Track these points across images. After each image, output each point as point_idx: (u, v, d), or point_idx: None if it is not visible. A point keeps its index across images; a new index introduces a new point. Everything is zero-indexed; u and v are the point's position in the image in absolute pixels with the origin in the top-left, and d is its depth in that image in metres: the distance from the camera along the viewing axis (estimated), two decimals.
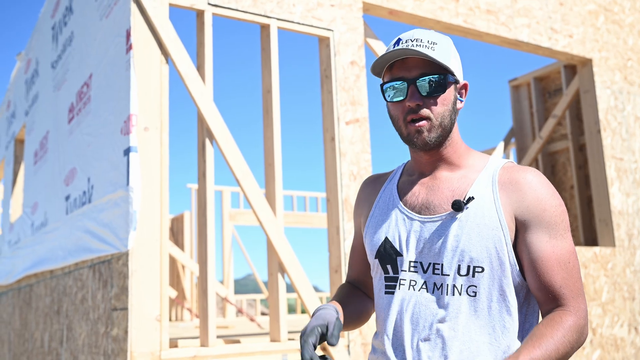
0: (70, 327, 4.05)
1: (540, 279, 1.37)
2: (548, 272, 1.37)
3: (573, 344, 1.33)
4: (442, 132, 1.43)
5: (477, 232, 1.38)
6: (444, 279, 1.39)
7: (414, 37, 1.43)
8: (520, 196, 1.39)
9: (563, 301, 1.37)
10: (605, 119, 5.19)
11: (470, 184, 1.43)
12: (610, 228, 4.99)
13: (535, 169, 1.44)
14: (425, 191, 1.47)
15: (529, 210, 1.38)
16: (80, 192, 4.03)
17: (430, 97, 1.41)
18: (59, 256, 4.37)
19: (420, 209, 1.45)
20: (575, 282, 1.38)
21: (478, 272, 1.37)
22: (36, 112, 5.74)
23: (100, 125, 3.74)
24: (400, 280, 1.44)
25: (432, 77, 1.41)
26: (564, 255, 1.38)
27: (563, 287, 1.36)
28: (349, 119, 3.92)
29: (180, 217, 10.06)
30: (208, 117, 3.45)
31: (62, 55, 4.86)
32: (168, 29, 3.42)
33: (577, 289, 1.38)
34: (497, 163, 1.47)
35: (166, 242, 3.25)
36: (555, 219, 1.39)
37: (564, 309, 1.36)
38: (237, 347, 3.36)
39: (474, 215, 1.39)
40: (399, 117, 1.44)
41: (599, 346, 4.64)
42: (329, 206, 3.85)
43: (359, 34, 4.09)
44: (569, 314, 1.35)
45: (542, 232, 1.38)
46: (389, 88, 1.45)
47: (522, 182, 1.40)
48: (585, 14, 5.31)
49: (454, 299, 1.37)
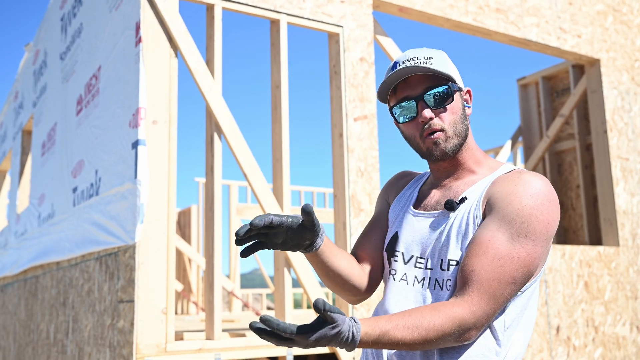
0: (76, 318, 4.07)
1: (463, 260, 1.32)
2: (471, 255, 1.30)
3: (447, 334, 1.24)
4: (458, 140, 1.45)
5: (462, 229, 1.39)
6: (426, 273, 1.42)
7: (409, 57, 1.45)
8: (499, 187, 1.38)
9: (465, 289, 1.28)
10: (612, 119, 5.19)
11: (472, 185, 1.46)
12: (615, 227, 5.00)
13: (542, 176, 1.39)
14: (439, 194, 1.50)
15: (496, 198, 1.36)
16: (88, 185, 4.05)
17: (440, 108, 1.43)
18: (65, 248, 4.39)
19: (426, 209, 1.50)
20: (491, 281, 1.27)
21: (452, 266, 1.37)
22: (44, 103, 5.76)
23: (109, 118, 3.76)
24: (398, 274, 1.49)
25: (438, 89, 1.43)
26: (499, 251, 1.28)
27: (474, 273, 1.28)
28: (357, 115, 3.93)
29: (188, 211, 10.08)
30: (217, 111, 3.46)
31: (70, 46, 4.86)
32: (178, 22, 3.43)
33: (487, 287, 1.27)
34: (506, 168, 1.47)
35: (173, 235, 3.26)
36: (515, 217, 1.30)
37: (460, 297, 1.27)
38: (242, 341, 3.38)
39: (462, 213, 1.41)
40: (415, 135, 1.46)
41: (601, 344, 4.65)
42: (335, 202, 3.86)
43: (369, 30, 4.09)
44: (460, 305, 1.26)
45: (495, 221, 1.32)
46: (398, 109, 1.47)
47: (510, 178, 1.39)
48: (594, 14, 5.30)
49: (442, 294, 1.39)
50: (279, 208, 3.57)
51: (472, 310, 1.26)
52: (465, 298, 1.27)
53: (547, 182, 1.37)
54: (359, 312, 3.69)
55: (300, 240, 1.36)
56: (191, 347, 3.19)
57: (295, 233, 1.35)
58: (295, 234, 1.35)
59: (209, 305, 3.38)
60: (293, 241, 1.36)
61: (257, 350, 3.40)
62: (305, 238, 1.37)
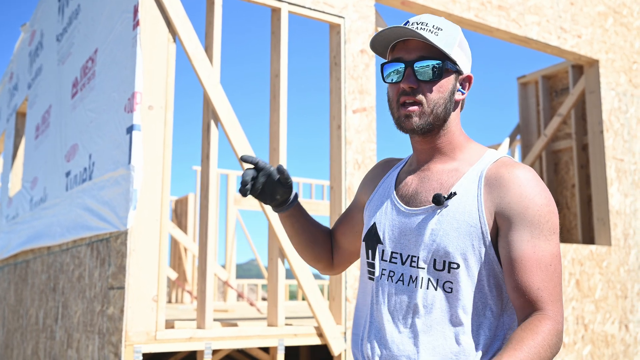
0: (65, 304, 4.04)
1: (517, 280, 1.30)
2: (526, 273, 1.29)
3: (553, 348, 1.27)
4: (434, 120, 1.39)
5: (455, 228, 1.34)
6: (419, 272, 1.37)
7: (420, 20, 1.39)
8: (504, 192, 1.33)
9: (540, 304, 1.29)
10: (608, 120, 5.20)
11: (459, 178, 1.39)
12: (607, 227, 5.02)
13: (527, 166, 1.37)
14: (416, 182, 1.45)
15: (510, 207, 1.32)
16: (81, 169, 4.00)
17: (427, 82, 1.38)
18: (56, 232, 4.35)
19: (409, 200, 1.44)
20: (554, 287, 1.30)
21: (453, 269, 1.33)
22: (39, 85, 5.69)
23: (104, 102, 3.71)
24: (379, 269, 1.44)
25: (430, 62, 1.37)
26: (545, 257, 1.30)
27: (541, 290, 1.29)
28: (356, 107, 3.90)
29: (185, 199, 10.03)
30: (214, 98, 3.42)
31: (67, 28, 4.80)
32: (177, 6, 3.38)
33: (555, 294, 1.30)
34: (490, 157, 1.41)
35: (166, 222, 3.23)
36: (538, 218, 1.31)
37: (542, 313, 1.29)
38: (233, 330, 3.36)
39: (455, 210, 1.35)
40: (394, 99, 1.42)
41: (590, 342, 4.68)
42: (332, 194, 3.84)
43: (370, 22, 4.06)
44: (548, 318, 1.28)
45: (524, 230, 1.31)
46: (388, 69, 1.42)
47: (507, 178, 1.34)
48: (595, 15, 5.29)
49: (429, 293, 1.35)
50: None
51: (556, 320, 1.29)
52: (546, 311, 1.29)
53: (533, 170, 1.37)
54: (352, 304, 3.68)
55: (274, 193, 1.54)
56: (181, 336, 3.17)
57: (271, 185, 1.53)
58: (271, 185, 1.53)
59: (200, 294, 3.35)
60: (269, 190, 1.53)
61: (248, 340, 3.39)
62: (278, 192, 1.54)
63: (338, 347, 3.57)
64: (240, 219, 9.83)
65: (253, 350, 3.94)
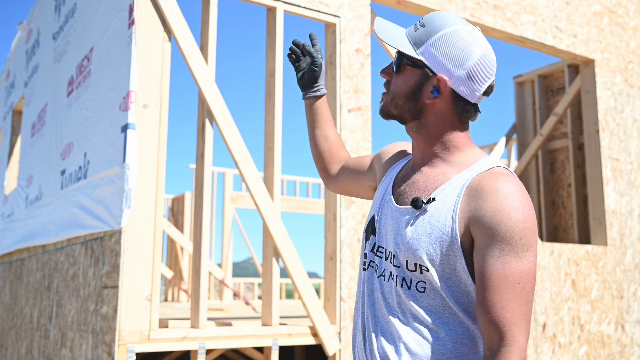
0: (60, 303, 4.03)
1: (482, 296, 1.28)
2: (492, 290, 1.27)
3: None
4: (396, 111, 1.46)
5: (427, 233, 1.35)
6: (397, 270, 1.39)
7: (425, 17, 1.46)
8: (480, 204, 1.31)
9: (501, 327, 1.26)
10: (604, 120, 5.20)
11: (443, 182, 1.39)
12: (603, 227, 5.02)
13: (512, 179, 1.33)
14: (407, 181, 1.47)
15: (483, 220, 1.29)
16: (76, 167, 4.00)
17: (393, 73, 1.47)
18: (51, 231, 4.34)
19: (398, 197, 1.46)
20: (520, 306, 1.27)
21: (425, 271, 1.35)
22: (35, 83, 5.68)
23: (99, 100, 3.71)
24: (369, 262, 1.48)
25: (400, 57, 1.44)
26: (514, 275, 1.27)
27: (505, 310, 1.26)
28: (352, 106, 3.90)
29: (181, 198, 10.01)
30: (209, 97, 3.42)
31: (64, 26, 4.80)
32: (172, 5, 3.38)
33: (520, 314, 1.27)
34: (482, 166, 1.38)
35: (161, 221, 3.23)
36: (511, 235, 1.27)
37: (504, 346, 1.26)
38: (227, 330, 3.36)
39: (430, 216, 1.35)
40: None
41: (586, 342, 4.68)
42: (327, 193, 3.84)
43: (366, 22, 4.06)
44: (510, 352, 1.25)
45: (494, 246, 1.28)
46: None
47: (486, 190, 1.31)
48: (590, 15, 5.29)
49: (404, 291, 1.38)
50: (269, 197, 3.54)
51: (520, 346, 1.26)
52: (509, 340, 1.26)
53: (519, 183, 1.34)
54: (346, 304, 3.68)
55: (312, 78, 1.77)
56: (175, 335, 3.17)
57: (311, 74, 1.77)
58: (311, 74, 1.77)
59: (194, 293, 3.35)
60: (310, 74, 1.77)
61: (242, 340, 3.38)
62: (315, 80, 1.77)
63: (332, 347, 3.57)
64: (237, 217, 9.83)
65: (247, 350, 3.94)
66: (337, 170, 1.81)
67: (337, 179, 1.81)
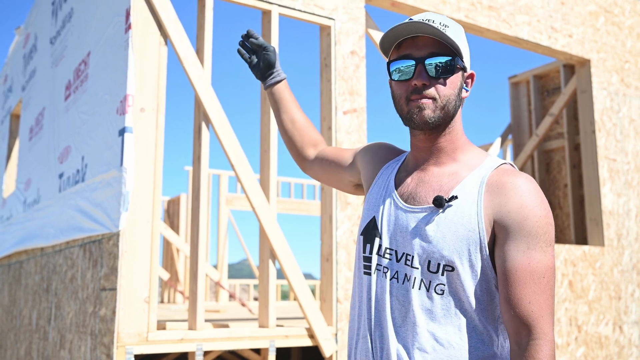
0: (58, 305, 4.05)
1: (509, 291, 1.30)
2: (519, 285, 1.29)
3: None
4: (444, 116, 1.39)
5: (453, 231, 1.33)
6: (412, 272, 1.36)
7: (426, 18, 1.39)
8: (504, 200, 1.33)
9: (530, 320, 1.28)
10: (600, 120, 5.21)
11: (459, 181, 1.38)
12: (601, 227, 5.03)
13: (529, 176, 1.37)
14: (415, 182, 1.44)
15: (509, 216, 1.32)
16: (74, 171, 4.02)
17: (439, 78, 1.37)
18: (49, 234, 4.37)
19: (407, 198, 1.43)
20: (545, 300, 1.30)
21: (448, 271, 1.33)
22: (33, 87, 5.71)
23: (96, 104, 3.73)
24: (375, 265, 1.43)
25: (443, 58, 1.36)
26: (539, 269, 1.30)
27: (532, 304, 1.28)
28: (347, 108, 3.92)
29: (177, 200, 10.04)
30: (205, 101, 3.44)
31: (61, 31, 4.82)
32: (168, 10, 3.40)
33: (546, 307, 1.30)
34: (492, 163, 1.40)
35: (158, 223, 3.25)
36: (537, 230, 1.31)
37: (535, 339, 1.28)
38: (225, 332, 3.37)
39: (454, 214, 1.34)
40: (402, 95, 1.40)
41: (584, 343, 4.69)
42: (323, 195, 3.86)
43: (361, 24, 4.08)
44: (542, 344, 1.27)
45: (521, 241, 1.30)
46: (396, 65, 1.41)
47: (508, 186, 1.33)
48: (586, 15, 5.31)
49: (421, 294, 1.35)
50: (265, 198, 3.56)
51: (550, 338, 1.29)
52: (539, 333, 1.29)
53: (533, 180, 1.37)
54: (343, 305, 3.70)
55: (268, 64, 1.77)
56: (173, 337, 3.19)
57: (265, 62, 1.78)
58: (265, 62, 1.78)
59: (192, 295, 3.37)
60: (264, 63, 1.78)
61: (239, 342, 3.40)
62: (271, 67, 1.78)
63: (329, 349, 3.59)
64: (232, 219, 9.85)
65: (244, 352, 3.96)
66: (314, 156, 1.77)
67: (314, 167, 1.77)
